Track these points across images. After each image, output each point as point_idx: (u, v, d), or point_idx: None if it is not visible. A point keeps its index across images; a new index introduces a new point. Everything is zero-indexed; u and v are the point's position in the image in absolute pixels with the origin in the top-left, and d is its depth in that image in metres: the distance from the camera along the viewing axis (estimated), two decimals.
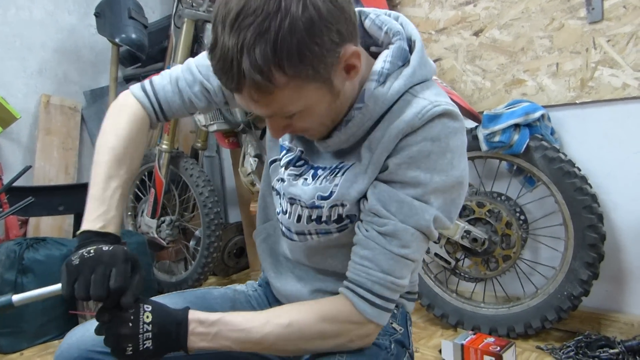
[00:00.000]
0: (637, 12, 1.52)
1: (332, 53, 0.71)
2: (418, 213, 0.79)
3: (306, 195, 0.88)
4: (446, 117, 0.78)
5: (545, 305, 1.68)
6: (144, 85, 0.98)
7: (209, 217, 2.35)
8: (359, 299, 0.81)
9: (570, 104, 1.70)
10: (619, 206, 1.66)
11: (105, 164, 0.88)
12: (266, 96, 0.71)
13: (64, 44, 2.79)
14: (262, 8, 0.65)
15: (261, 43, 0.66)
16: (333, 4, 0.69)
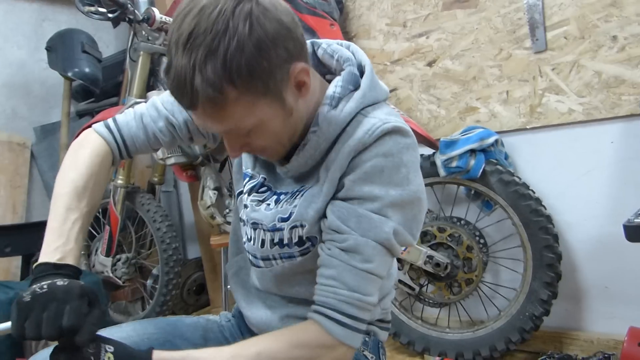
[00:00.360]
0: (577, 43, 1.61)
1: (281, 69, 0.74)
2: (377, 226, 0.80)
3: (267, 218, 0.90)
4: (396, 134, 0.80)
5: (509, 327, 1.70)
6: (107, 123, 0.98)
7: (167, 253, 2.28)
8: (328, 321, 0.80)
9: (522, 129, 1.77)
10: (573, 226, 1.71)
11: (64, 196, 0.86)
12: (220, 111, 0.74)
13: (13, 78, 2.70)
14: (211, 29, 0.69)
15: (212, 60, 0.69)
16: (279, 23, 0.73)
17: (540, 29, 1.67)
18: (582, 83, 1.62)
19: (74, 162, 0.91)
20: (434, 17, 1.92)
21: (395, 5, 2.01)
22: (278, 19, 0.73)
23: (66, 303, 0.70)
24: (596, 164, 1.64)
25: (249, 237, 0.96)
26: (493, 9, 1.77)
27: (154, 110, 0.98)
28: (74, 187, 0.87)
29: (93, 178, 0.90)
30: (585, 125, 1.64)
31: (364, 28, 2.11)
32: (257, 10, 0.71)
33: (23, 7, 2.77)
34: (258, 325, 1.01)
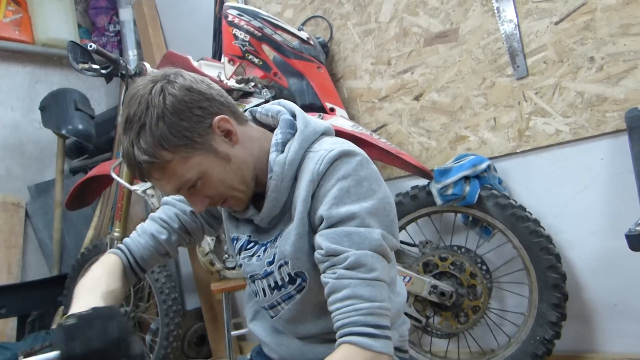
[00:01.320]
0: (556, 66, 1.67)
1: (201, 125, 0.88)
2: (367, 237, 0.86)
3: (259, 267, 0.99)
4: (344, 156, 0.89)
5: (521, 354, 1.67)
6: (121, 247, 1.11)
7: (167, 304, 2.24)
8: (361, 338, 0.81)
9: (512, 154, 1.80)
10: (573, 244, 1.71)
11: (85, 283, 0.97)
12: (162, 172, 0.87)
13: (7, 139, 2.74)
14: (137, 111, 0.85)
15: (143, 134, 0.85)
16: (189, 90, 0.88)
17: (520, 56, 1.73)
18: (566, 104, 1.66)
19: (93, 269, 1.03)
20: (416, 53, 1.98)
21: (378, 45, 2.08)
22: (188, 87, 0.88)
23: (111, 319, 0.78)
24: (590, 181, 1.66)
25: (254, 291, 1.05)
26: (473, 41, 1.84)
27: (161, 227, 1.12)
28: (96, 286, 0.96)
29: (112, 289, 0.98)
30: (574, 145, 1.67)
31: (350, 69, 2.17)
32: (168, 86, 0.87)
33: (16, 71, 2.84)
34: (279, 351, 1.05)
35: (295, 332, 1.02)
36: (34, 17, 2.82)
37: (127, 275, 1.07)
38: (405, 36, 2.00)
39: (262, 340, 1.09)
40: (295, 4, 2.33)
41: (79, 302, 0.88)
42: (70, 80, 3.06)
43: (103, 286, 0.95)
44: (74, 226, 2.82)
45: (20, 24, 2.78)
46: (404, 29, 2.00)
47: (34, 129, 2.85)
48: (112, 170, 2.06)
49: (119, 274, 1.03)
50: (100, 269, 1.02)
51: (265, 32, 1.90)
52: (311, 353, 0.99)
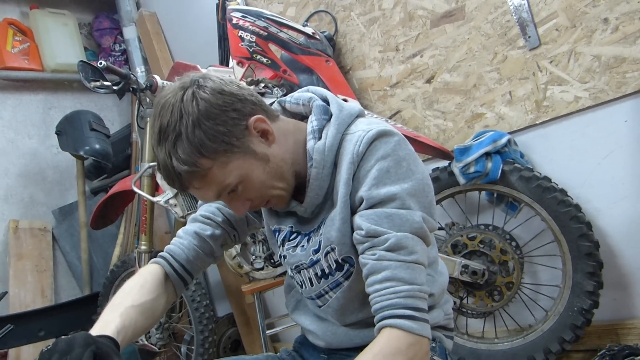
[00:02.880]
0: (569, 32, 1.65)
1: (238, 127, 0.86)
2: (408, 219, 0.86)
3: (304, 257, 0.98)
4: (383, 137, 0.88)
5: (560, 326, 1.64)
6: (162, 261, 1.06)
7: (199, 312, 2.25)
8: (402, 320, 0.81)
9: (532, 126, 1.78)
10: (602, 212, 1.68)
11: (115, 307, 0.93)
12: (203, 180, 0.86)
13: (27, 167, 2.78)
14: (171, 120, 0.84)
15: (179, 144, 0.83)
16: (222, 93, 0.86)
17: (530, 27, 1.70)
18: (583, 69, 1.64)
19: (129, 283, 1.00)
20: (424, 36, 1.97)
21: (384, 32, 2.07)
22: (219, 89, 0.86)
23: (66, 354, 0.71)
24: (615, 146, 1.63)
25: (299, 282, 1.04)
26: (480, 17, 1.82)
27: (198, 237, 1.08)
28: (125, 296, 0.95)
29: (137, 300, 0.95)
30: (595, 110, 1.64)
31: (359, 59, 2.17)
32: (199, 91, 0.85)
33: (30, 100, 2.89)
34: (325, 337, 1.04)
35: (342, 321, 1.01)
36: (41, 45, 2.86)
37: (169, 283, 1.03)
38: (411, 20, 1.98)
39: (306, 328, 1.09)
40: (297, 1, 2.33)
41: (99, 321, 0.88)
42: (82, 102, 3.10)
43: (129, 300, 0.93)
44: (100, 245, 2.85)
45: (28, 53, 2.82)
46: (409, 13, 1.98)
47: (53, 154, 2.89)
48: (134, 184, 2.07)
49: (154, 284, 0.99)
50: (133, 281, 0.99)
51: (270, 31, 1.91)
52: (358, 337, 1.00)
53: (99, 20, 3.23)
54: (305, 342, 1.12)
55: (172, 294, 1.04)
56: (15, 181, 2.69)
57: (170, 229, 3.01)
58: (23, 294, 2.45)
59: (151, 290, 0.98)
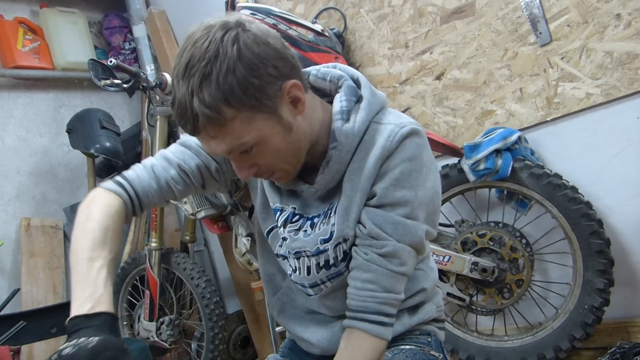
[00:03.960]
0: (581, 28, 1.63)
1: (273, 86, 0.79)
2: (412, 231, 0.87)
3: (309, 244, 0.94)
4: (414, 136, 0.87)
5: (570, 324, 1.64)
6: (116, 179, 0.96)
7: (209, 308, 2.26)
8: (372, 325, 0.87)
9: (542, 123, 1.77)
10: (614, 210, 1.67)
11: (84, 248, 0.84)
12: (219, 130, 0.79)
13: (39, 165, 2.80)
14: (204, 57, 0.75)
15: (206, 84, 0.75)
16: (266, 45, 0.79)
17: (541, 23, 1.69)
18: (595, 66, 1.62)
19: (89, 217, 0.88)
20: (434, 33, 1.96)
21: (394, 29, 2.07)
22: (265, 41, 0.79)
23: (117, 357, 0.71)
24: (626, 143, 1.62)
25: (293, 268, 1.00)
26: (491, 13, 1.81)
27: (164, 160, 0.98)
28: (92, 238, 0.85)
29: (110, 230, 0.88)
30: (607, 106, 1.63)
31: (368, 56, 2.16)
32: (243, 35, 0.77)
33: (40, 98, 2.90)
34: (320, 345, 1.02)
35: (334, 311, 0.99)
36: (52, 44, 2.87)
37: (124, 223, 0.95)
38: (421, 16, 1.98)
39: (298, 336, 1.06)
40: None
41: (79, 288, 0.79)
42: (93, 101, 3.12)
43: (106, 250, 0.85)
44: None
45: (39, 52, 2.83)
46: (419, 10, 1.98)
47: (64, 152, 2.90)
48: None
49: (119, 228, 0.91)
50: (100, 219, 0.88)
51: (279, 28, 1.91)
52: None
53: (109, 18, 3.24)
54: (296, 349, 1.10)
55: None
56: (27, 179, 2.71)
57: (180, 226, 3.02)
58: (35, 291, 2.47)
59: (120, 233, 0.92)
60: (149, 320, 2.31)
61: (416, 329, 1.02)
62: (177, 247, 2.58)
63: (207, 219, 2.28)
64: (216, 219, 2.32)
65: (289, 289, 1.07)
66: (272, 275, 1.10)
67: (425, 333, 1.02)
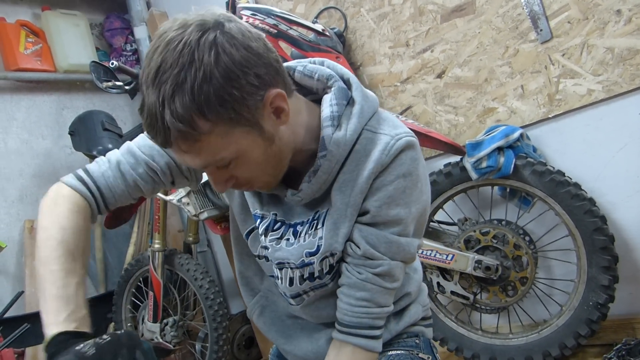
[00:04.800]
0: (582, 24, 1.63)
1: (254, 96, 0.72)
2: (405, 249, 0.87)
3: (293, 256, 0.89)
4: (409, 149, 0.83)
5: (575, 321, 1.63)
6: (79, 175, 0.90)
7: (213, 309, 2.26)
8: (366, 340, 0.87)
9: (544, 120, 1.77)
10: (617, 206, 1.67)
11: (58, 259, 0.78)
12: (193, 145, 0.71)
13: (42, 168, 2.81)
14: (177, 62, 0.67)
15: (179, 94, 0.67)
16: (248, 50, 0.71)
17: (542, 20, 1.69)
18: (596, 62, 1.62)
19: (57, 221, 0.83)
20: (434, 31, 1.96)
21: (394, 28, 2.07)
22: (246, 45, 0.71)
23: (136, 348, 0.71)
24: (629, 138, 1.61)
25: (275, 276, 0.96)
26: (491, 11, 1.81)
27: (131, 156, 0.90)
28: (65, 248, 0.80)
29: (81, 237, 0.83)
30: (609, 102, 1.63)
31: (369, 55, 2.16)
32: (222, 39, 0.69)
33: (43, 100, 2.91)
34: (306, 357, 1.01)
35: (318, 318, 0.98)
36: (54, 46, 2.88)
37: (91, 224, 0.89)
38: (421, 15, 1.98)
39: (282, 347, 1.05)
40: None
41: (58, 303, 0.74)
42: (95, 102, 3.12)
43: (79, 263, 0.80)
44: (114, 244, 2.87)
45: (41, 54, 2.84)
46: (419, 8, 1.98)
47: (66, 155, 2.91)
48: None
49: (88, 232, 0.86)
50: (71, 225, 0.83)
51: (280, 28, 1.91)
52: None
53: (110, 20, 3.25)
54: (283, 358, 1.09)
55: None
56: (30, 181, 2.72)
57: (183, 227, 3.03)
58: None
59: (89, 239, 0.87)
60: (153, 322, 2.31)
61: (403, 332, 1.01)
62: (181, 248, 2.58)
63: (210, 219, 2.28)
64: (219, 220, 2.32)
65: (269, 291, 1.04)
66: (249, 278, 1.07)
67: (413, 335, 1.02)
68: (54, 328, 0.72)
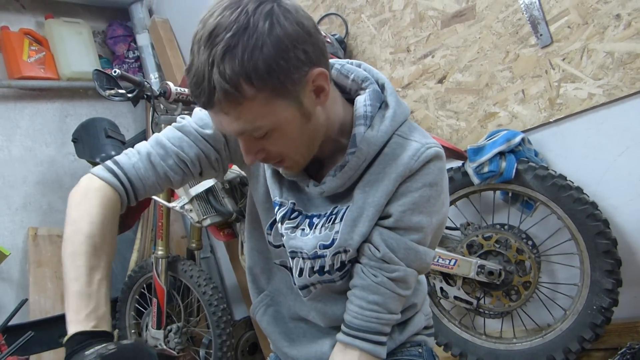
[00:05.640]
0: (581, 29, 1.64)
1: (299, 70, 0.74)
2: (421, 257, 0.87)
3: (307, 246, 0.90)
4: (437, 159, 0.85)
5: (579, 325, 1.63)
6: (109, 166, 0.91)
7: (217, 315, 2.27)
8: (373, 346, 0.87)
9: (545, 124, 1.77)
10: (620, 209, 1.67)
11: (84, 255, 0.79)
12: (235, 107, 0.73)
13: (45, 175, 2.82)
14: (232, 26, 0.70)
15: (230, 57, 0.69)
16: (300, 26, 0.73)
17: (542, 24, 1.70)
18: (596, 66, 1.62)
19: (86, 213, 0.83)
20: (435, 37, 1.97)
21: (395, 34, 2.07)
22: (299, 21, 0.73)
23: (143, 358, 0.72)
24: (630, 142, 1.61)
25: (289, 267, 0.97)
26: (491, 16, 1.81)
27: (160, 148, 0.92)
28: (92, 244, 0.80)
29: (108, 231, 0.84)
30: (610, 106, 1.63)
31: (370, 61, 2.17)
32: (278, 11, 0.72)
33: (46, 108, 2.93)
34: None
35: (326, 321, 0.98)
36: (57, 54, 2.90)
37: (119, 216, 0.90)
38: (422, 21, 1.98)
39: (283, 350, 1.04)
40: (308, 4, 2.34)
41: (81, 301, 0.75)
42: (98, 110, 3.14)
43: (104, 259, 0.81)
44: (118, 251, 2.85)
45: (44, 62, 2.86)
46: (420, 14, 1.99)
47: (70, 162, 2.93)
48: None
49: (115, 225, 0.88)
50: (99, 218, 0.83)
51: None
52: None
53: (113, 28, 3.27)
54: None
55: None
56: (33, 189, 2.74)
57: (187, 233, 3.04)
58: (43, 301, 2.48)
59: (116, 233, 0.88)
60: (156, 328, 2.32)
61: (407, 342, 1.02)
62: (184, 254, 2.59)
63: (213, 226, 2.29)
64: (222, 226, 2.32)
65: (276, 290, 1.04)
66: (256, 275, 1.07)
67: (416, 344, 1.03)
68: (73, 327, 0.74)
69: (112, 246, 0.86)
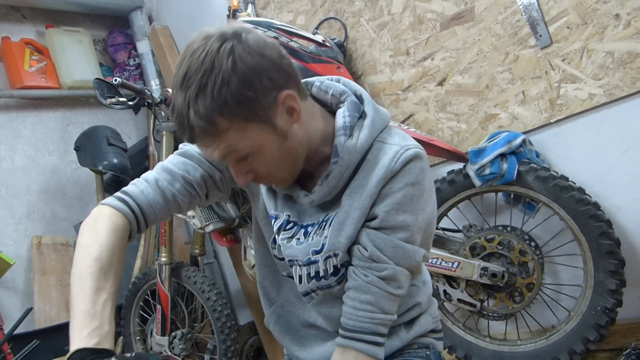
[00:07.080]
0: (581, 29, 1.63)
1: (267, 97, 0.81)
2: (410, 256, 0.90)
3: (301, 253, 0.95)
4: (418, 160, 0.88)
5: (583, 326, 1.62)
6: (119, 196, 0.95)
7: (221, 321, 2.27)
8: (368, 346, 0.88)
9: (546, 125, 1.76)
10: (623, 209, 1.66)
11: (90, 276, 0.82)
12: (214, 139, 0.81)
13: (48, 184, 2.83)
14: (200, 68, 0.77)
15: (202, 96, 0.77)
16: (261, 57, 0.80)
17: (541, 25, 1.70)
18: (596, 66, 1.62)
19: (95, 239, 0.87)
20: (434, 39, 1.97)
21: (394, 37, 2.08)
22: (260, 53, 0.80)
23: None
24: (632, 142, 1.61)
25: (291, 275, 1.02)
26: (490, 18, 1.81)
27: (167, 174, 0.97)
28: (99, 266, 0.83)
29: (116, 254, 0.87)
30: (610, 106, 1.63)
31: (370, 65, 2.17)
32: (239, 47, 0.79)
33: (48, 117, 2.94)
34: None
35: (334, 326, 0.99)
36: (58, 63, 2.91)
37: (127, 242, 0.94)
38: (421, 23, 1.99)
39: (295, 354, 1.07)
40: (307, 9, 2.35)
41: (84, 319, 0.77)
42: (99, 118, 3.15)
43: (110, 281, 0.84)
44: None
45: (45, 72, 2.87)
46: (418, 17, 1.99)
47: (72, 170, 2.94)
48: None
49: (124, 250, 0.91)
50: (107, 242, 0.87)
51: (281, 40, 1.92)
52: None
53: (113, 35, 3.28)
54: None
55: None
56: (37, 198, 2.75)
57: (190, 239, 3.04)
58: (48, 309, 2.49)
59: (124, 257, 0.91)
60: (161, 335, 2.32)
61: (414, 343, 1.03)
62: (187, 260, 2.60)
63: (216, 232, 2.29)
64: (225, 232, 2.33)
65: (286, 301, 1.08)
66: (266, 288, 1.12)
67: (424, 346, 1.04)
68: (76, 344, 0.76)
69: (120, 270, 0.89)
